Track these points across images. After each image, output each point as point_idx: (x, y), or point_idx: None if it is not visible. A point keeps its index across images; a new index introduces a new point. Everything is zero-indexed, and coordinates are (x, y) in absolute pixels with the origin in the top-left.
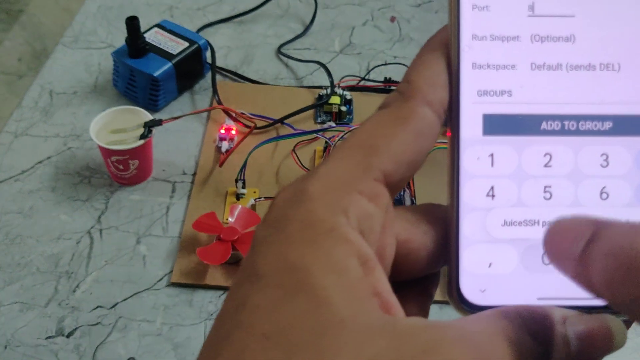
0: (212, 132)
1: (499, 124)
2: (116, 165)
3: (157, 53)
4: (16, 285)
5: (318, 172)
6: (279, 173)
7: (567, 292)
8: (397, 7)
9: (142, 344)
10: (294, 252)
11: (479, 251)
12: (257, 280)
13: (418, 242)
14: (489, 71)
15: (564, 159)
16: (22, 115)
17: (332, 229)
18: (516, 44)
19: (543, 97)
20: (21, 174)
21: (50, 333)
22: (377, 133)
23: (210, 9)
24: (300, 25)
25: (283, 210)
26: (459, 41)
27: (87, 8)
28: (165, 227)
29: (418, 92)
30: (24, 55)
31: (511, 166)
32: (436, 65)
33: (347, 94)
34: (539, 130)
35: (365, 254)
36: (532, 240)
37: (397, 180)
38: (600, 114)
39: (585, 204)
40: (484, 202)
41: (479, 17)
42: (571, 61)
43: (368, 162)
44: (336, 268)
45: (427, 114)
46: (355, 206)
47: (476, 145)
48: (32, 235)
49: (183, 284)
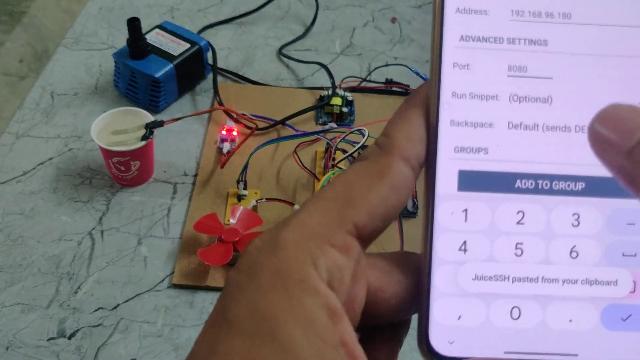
0: (213, 133)
1: (474, 181)
2: (117, 166)
3: (158, 54)
4: (17, 287)
5: (292, 222)
6: (280, 174)
7: (534, 346)
8: (398, 9)
9: (143, 345)
10: (264, 301)
11: (449, 303)
12: (228, 326)
13: (389, 291)
14: (467, 128)
15: (536, 217)
16: (23, 117)
17: (303, 280)
18: (495, 103)
19: (518, 156)
20: (22, 175)
21: (52, 334)
22: (354, 185)
23: (211, 10)
24: (301, 27)
25: (256, 258)
26: (439, 98)
27: (88, 10)
28: (167, 229)
29: (396, 147)
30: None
31: (484, 222)
32: (415, 121)
33: (348, 95)
34: (513, 188)
35: (333, 305)
36: (502, 295)
37: (370, 232)
38: (573, 174)
39: (556, 262)
40: (456, 255)
41: (459, 75)
42: (547, 122)
43: (342, 215)
44: (305, 318)
45: (403, 169)
46: (326, 258)
47: (451, 200)
48: (33, 236)
49: (184, 285)
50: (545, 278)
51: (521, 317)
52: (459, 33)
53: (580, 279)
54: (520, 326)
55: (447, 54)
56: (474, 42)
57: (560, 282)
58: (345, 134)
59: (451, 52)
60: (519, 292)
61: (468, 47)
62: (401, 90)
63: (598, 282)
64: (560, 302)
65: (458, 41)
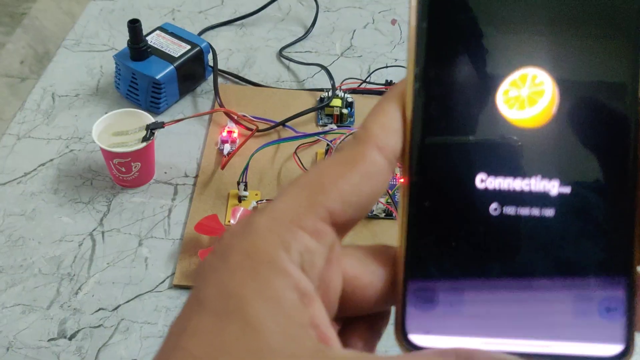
0: (214, 135)
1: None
2: (118, 167)
3: (159, 56)
4: (18, 287)
5: (266, 208)
6: (280, 175)
7: (510, 335)
8: (398, 10)
9: (144, 346)
10: (233, 281)
11: (424, 294)
12: (198, 306)
13: (366, 280)
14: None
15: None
16: (24, 118)
17: (272, 261)
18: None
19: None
20: (23, 177)
21: (53, 335)
22: (326, 173)
23: (212, 12)
24: (301, 28)
25: (229, 241)
26: (415, 89)
27: (89, 11)
28: (167, 230)
29: (370, 136)
30: (26, 58)
31: (459, 213)
32: (391, 113)
33: (349, 97)
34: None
35: (303, 287)
36: (478, 284)
37: (345, 220)
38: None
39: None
40: (431, 246)
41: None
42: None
43: (314, 200)
44: (272, 298)
45: (377, 158)
46: (298, 241)
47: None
48: (34, 237)
49: (185, 286)
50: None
51: (497, 305)
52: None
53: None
54: (496, 315)
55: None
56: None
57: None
58: (346, 135)
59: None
60: (495, 284)
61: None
62: None
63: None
64: (537, 292)
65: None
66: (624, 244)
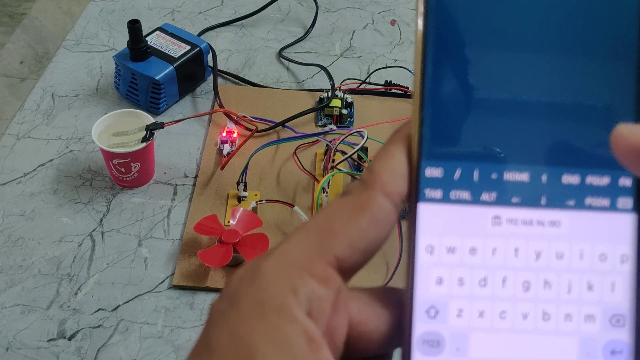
0: (213, 135)
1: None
2: (118, 168)
3: (159, 56)
4: (18, 288)
5: (274, 252)
6: (280, 176)
7: None
8: (398, 11)
9: (143, 346)
10: (242, 327)
11: (430, 338)
12: (208, 352)
13: (372, 324)
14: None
15: (515, 252)
16: (24, 118)
17: (281, 307)
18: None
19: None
20: (23, 177)
21: (52, 335)
22: (335, 218)
23: (212, 13)
24: (301, 29)
25: (238, 286)
26: (421, 136)
27: (89, 11)
28: (167, 230)
29: (378, 182)
30: (26, 58)
31: (466, 260)
32: (398, 157)
33: (348, 97)
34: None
35: (311, 332)
36: (484, 330)
37: (351, 265)
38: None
39: (535, 297)
40: (438, 293)
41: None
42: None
43: (323, 245)
44: (282, 344)
45: (385, 203)
46: (306, 287)
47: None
48: (33, 237)
49: (184, 287)
50: (525, 313)
51: (503, 353)
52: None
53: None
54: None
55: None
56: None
57: (540, 318)
58: (345, 135)
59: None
60: (501, 327)
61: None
62: (400, 92)
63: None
64: (540, 337)
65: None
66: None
